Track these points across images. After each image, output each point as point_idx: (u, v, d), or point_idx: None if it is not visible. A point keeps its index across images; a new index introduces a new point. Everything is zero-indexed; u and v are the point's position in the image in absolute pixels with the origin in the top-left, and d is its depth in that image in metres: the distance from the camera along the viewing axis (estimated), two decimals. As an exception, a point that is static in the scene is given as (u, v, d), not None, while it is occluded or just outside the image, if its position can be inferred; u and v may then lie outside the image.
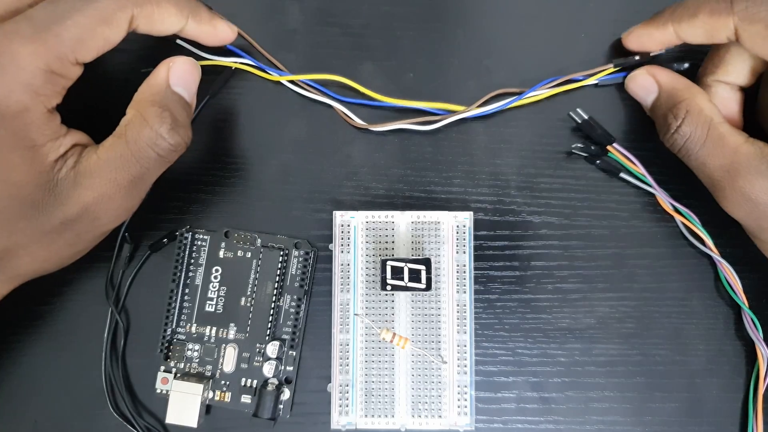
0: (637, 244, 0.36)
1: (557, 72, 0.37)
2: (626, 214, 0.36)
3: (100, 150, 0.30)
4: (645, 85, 0.35)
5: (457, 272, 0.35)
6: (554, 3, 0.38)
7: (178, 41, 0.37)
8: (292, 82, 0.37)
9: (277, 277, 0.35)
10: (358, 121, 0.37)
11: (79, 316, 0.36)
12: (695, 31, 0.33)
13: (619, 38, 0.36)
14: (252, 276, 0.35)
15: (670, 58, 0.37)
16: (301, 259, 0.35)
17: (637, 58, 0.36)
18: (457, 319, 0.34)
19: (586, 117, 0.36)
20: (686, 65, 0.36)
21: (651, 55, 0.36)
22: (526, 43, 0.38)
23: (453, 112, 0.36)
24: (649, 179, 0.36)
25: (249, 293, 0.35)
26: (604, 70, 0.37)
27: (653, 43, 0.35)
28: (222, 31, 0.34)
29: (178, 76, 0.31)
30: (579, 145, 0.36)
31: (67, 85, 0.29)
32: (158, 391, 0.34)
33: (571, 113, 0.36)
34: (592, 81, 0.37)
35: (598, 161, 0.36)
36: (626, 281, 0.36)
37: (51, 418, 0.35)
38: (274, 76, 0.37)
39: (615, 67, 0.37)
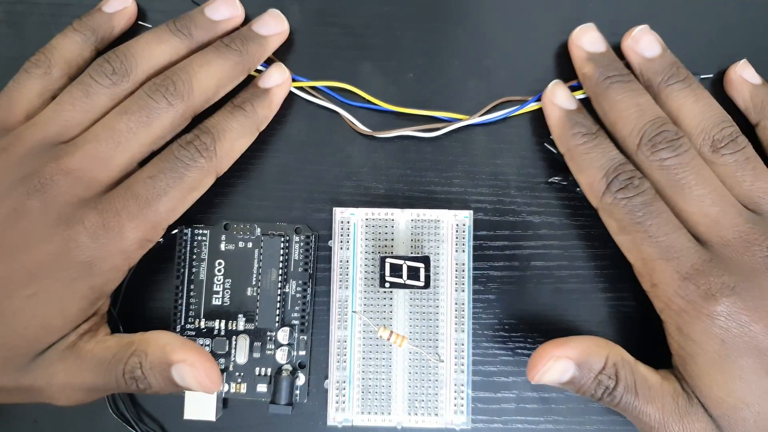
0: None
1: (557, 72, 0.37)
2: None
3: (97, 345, 0.31)
4: (562, 368, 0.30)
5: (456, 271, 0.35)
6: (554, 3, 0.38)
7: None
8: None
9: (281, 264, 0.35)
10: (363, 128, 0.37)
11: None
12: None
13: (618, 38, 0.36)
14: (255, 265, 0.35)
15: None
16: (302, 243, 0.35)
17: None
18: (455, 317, 0.34)
19: None
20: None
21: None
22: (526, 43, 0.38)
23: (456, 120, 0.37)
24: None
25: (254, 283, 0.35)
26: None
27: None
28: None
29: (185, 372, 0.30)
30: (557, 178, 0.36)
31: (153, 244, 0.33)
32: None
33: (546, 144, 0.36)
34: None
35: (578, 188, 0.35)
36: (626, 281, 0.36)
37: (51, 418, 0.35)
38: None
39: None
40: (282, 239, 0.35)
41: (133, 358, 0.29)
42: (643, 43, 0.35)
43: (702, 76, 0.37)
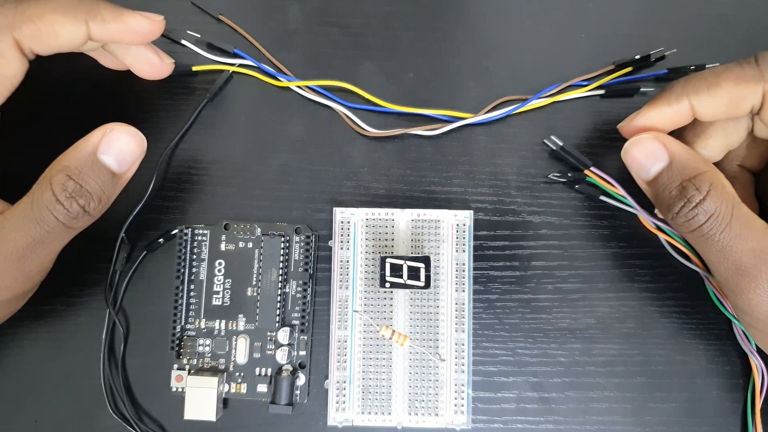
0: (637, 244, 0.36)
1: (556, 72, 0.37)
2: (627, 213, 0.36)
3: (9, 209, 0.29)
4: (653, 151, 0.30)
5: (456, 271, 0.35)
6: (553, 3, 0.38)
7: (183, 41, 0.37)
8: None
9: (281, 264, 0.35)
10: (363, 128, 0.37)
11: (79, 316, 0.36)
12: (716, 104, 0.29)
13: (618, 37, 0.36)
14: (256, 265, 0.35)
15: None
16: (302, 243, 0.35)
17: (637, 56, 0.36)
18: (456, 317, 0.34)
19: (560, 143, 0.36)
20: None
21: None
22: (526, 42, 0.38)
23: (456, 119, 0.37)
24: (630, 200, 0.35)
25: (254, 283, 0.35)
26: (606, 75, 0.37)
27: (665, 122, 0.31)
28: (136, 25, 0.31)
29: (111, 145, 0.29)
30: (556, 173, 0.36)
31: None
32: (174, 389, 0.34)
33: (546, 141, 0.36)
34: (594, 89, 0.37)
35: (577, 186, 0.36)
36: (626, 281, 0.36)
37: (51, 418, 0.35)
38: (280, 82, 0.37)
39: (616, 68, 0.37)
40: (282, 239, 0.35)
41: (57, 176, 0.28)
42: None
43: (707, 66, 0.36)
